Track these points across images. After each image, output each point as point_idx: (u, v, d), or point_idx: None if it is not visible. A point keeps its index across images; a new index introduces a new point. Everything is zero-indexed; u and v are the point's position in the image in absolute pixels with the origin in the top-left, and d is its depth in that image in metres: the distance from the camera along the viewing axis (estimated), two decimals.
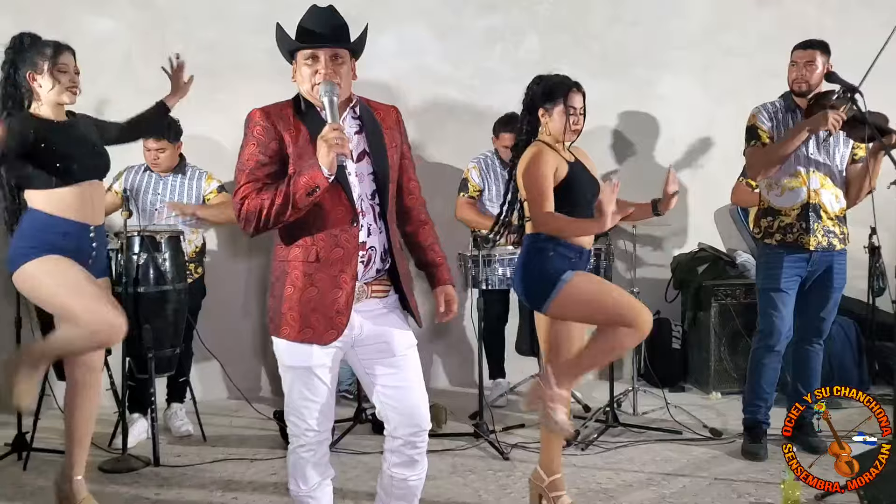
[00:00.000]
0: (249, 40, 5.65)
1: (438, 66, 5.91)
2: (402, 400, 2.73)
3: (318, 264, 2.61)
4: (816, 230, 4.20)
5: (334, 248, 2.61)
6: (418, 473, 2.81)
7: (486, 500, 3.81)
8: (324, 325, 2.62)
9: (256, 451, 4.49)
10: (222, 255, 5.68)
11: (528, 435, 4.72)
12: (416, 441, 2.76)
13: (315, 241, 2.62)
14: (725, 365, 5.63)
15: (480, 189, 5.43)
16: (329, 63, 2.61)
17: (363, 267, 2.66)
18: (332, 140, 2.46)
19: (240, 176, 2.63)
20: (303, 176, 2.49)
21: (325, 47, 2.62)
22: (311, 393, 2.69)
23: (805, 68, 4.22)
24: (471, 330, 4.94)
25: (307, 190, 2.48)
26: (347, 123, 2.70)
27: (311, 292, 2.62)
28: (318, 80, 2.60)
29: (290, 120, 2.63)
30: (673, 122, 6.20)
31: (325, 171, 2.48)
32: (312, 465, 2.75)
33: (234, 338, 5.63)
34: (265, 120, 2.62)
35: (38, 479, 4.06)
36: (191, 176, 4.92)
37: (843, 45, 4.62)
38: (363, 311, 2.69)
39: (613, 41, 6.15)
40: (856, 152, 4.31)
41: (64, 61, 3.44)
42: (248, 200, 2.57)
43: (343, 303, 2.62)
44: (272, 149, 2.61)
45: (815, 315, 4.33)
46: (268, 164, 2.60)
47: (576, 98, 3.52)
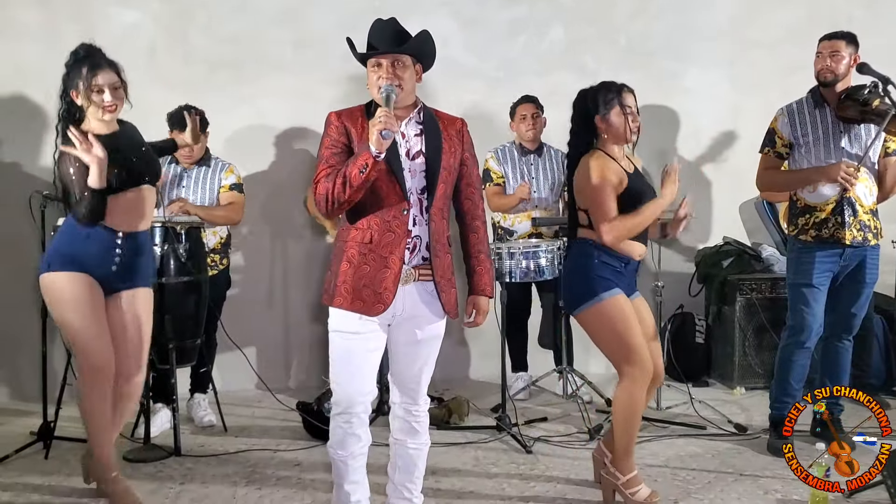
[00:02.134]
0: (273, 33, 5.66)
1: (462, 57, 5.89)
2: (409, 374, 3.10)
3: (371, 245, 2.92)
4: (852, 224, 4.14)
5: (386, 233, 2.92)
6: (417, 442, 3.16)
7: (509, 494, 3.79)
8: (372, 298, 2.92)
9: (279, 441, 4.50)
10: (248, 246, 5.69)
11: (551, 428, 4.71)
12: (412, 410, 3.14)
13: (370, 225, 2.93)
14: (750, 360, 5.58)
15: (502, 175, 5.40)
16: (390, 68, 2.92)
17: (409, 253, 2.96)
18: (377, 119, 2.73)
19: (318, 167, 2.97)
20: (356, 157, 2.81)
21: (385, 55, 2.92)
22: (351, 361, 2.98)
23: (830, 58, 4.16)
24: (493, 323, 4.91)
25: (359, 168, 2.78)
26: (411, 127, 3.01)
27: (363, 269, 2.92)
28: (380, 83, 2.90)
29: (359, 120, 2.96)
30: (698, 115, 6.15)
31: (372, 149, 2.75)
32: (349, 434, 3.02)
33: (259, 329, 5.65)
34: (337, 120, 2.97)
35: (62, 468, 4.09)
36: (214, 168, 4.92)
37: (874, 37, 4.55)
38: (409, 293, 2.98)
39: (638, 33, 6.11)
40: (888, 145, 4.24)
41: (98, 81, 3.41)
42: (319, 185, 2.89)
43: (391, 281, 2.92)
44: (342, 143, 2.94)
45: (846, 311, 4.28)
46: (338, 155, 2.93)
47: (628, 97, 3.59)
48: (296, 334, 5.80)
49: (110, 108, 3.44)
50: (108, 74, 3.44)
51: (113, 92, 3.44)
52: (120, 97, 3.47)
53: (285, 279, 5.77)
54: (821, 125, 4.20)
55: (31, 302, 4.45)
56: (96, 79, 3.41)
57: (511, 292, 5.03)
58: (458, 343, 5.96)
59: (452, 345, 5.96)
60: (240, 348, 5.09)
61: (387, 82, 2.88)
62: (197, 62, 5.56)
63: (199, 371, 4.87)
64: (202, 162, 4.89)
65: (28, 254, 4.71)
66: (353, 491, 3.11)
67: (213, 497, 3.77)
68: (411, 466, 3.20)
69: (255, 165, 5.62)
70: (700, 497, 3.73)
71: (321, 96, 5.46)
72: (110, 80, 3.44)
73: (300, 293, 5.75)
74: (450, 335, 5.99)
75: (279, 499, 3.74)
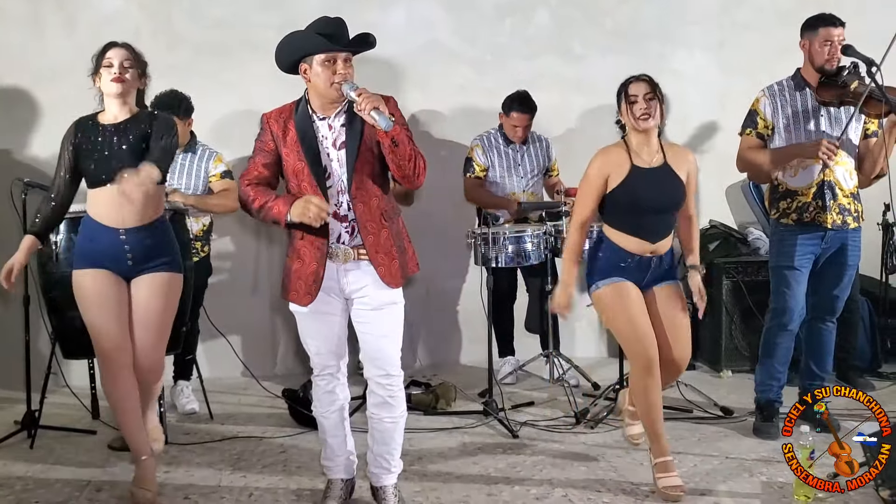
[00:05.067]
0: (258, 17, 5.62)
1: (449, 41, 5.85)
2: (372, 344, 3.23)
3: (303, 241, 3.19)
4: (832, 208, 4.14)
5: (314, 230, 3.12)
6: (392, 416, 3.28)
7: (495, 478, 3.80)
8: (303, 290, 3.20)
9: (265, 429, 4.50)
10: (230, 233, 5.66)
11: (538, 413, 4.71)
12: (385, 384, 3.25)
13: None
14: (736, 343, 5.59)
15: (486, 168, 5.38)
16: (344, 65, 3.06)
17: (348, 235, 3.17)
18: (312, 214, 3.00)
19: (249, 162, 3.25)
20: (273, 209, 3.08)
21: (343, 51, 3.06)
22: (308, 334, 3.31)
23: (837, 46, 4.14)
24: (479, 308, 4.92)
25: (272, 219, 3.11)
26: (338, 119, 3.15)
27: (297, 264, 3.21)
28: (336, 79, 3.05)
29: (285, 122, 3.19)
30: (686, 98, 6.12)
31: (289, 218, 3.05)
32: (323, 391, 3.35)
33: (243, 316, 5.63)
34: (267, 124, 3.22)
35: (48, 457, 4.07)
36: (200, 155, 4.87)
37: (861, 20, 4.54)
38: (350, 272, 3.18)
39: (626, 16, 6.08)
40: (868, 127, 4.24)
41: (110, 56, 3.49)
42: (243, 187, 3.19)
43: (317, 271, 3.17)
44: (270, 148, 3.20)
45: (829, 293, 4.28)
46: (265, 160, 3.21)
47: (634, 86, 3.63)
48: (281, 321, 5.78)
49: (117, 78, 3.47)
50: (120, 51, 3.52)
51: (121, 66, 3.49)
52: (131, 74, 3.51)
53: (270, 266, 5.74)
54: (801, 107, 4.20)
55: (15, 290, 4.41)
56: (108, 53, 3.50)
57: (496, 277, 5.02)
58: (448, 329, 5.95)
59: (442, 330, 5.96)
60: (224, 336, 5.07)
61: (345, 80, 3.03)
62: (182, 47, 5.52)
63: (185, 359, 4.86)
64: (188, 148, 4.85)
65: (11, 241, 4.66)
66: (334, 446, 3.43)
67: (198, 485, 3.76)
68: (388, 439, 3.34)
69: (240, 150, 5.57)
70: (686, 480, 3.72)
71: None
72: (121, 55, 3.51)
73: None
74: (441, 321, 6.03)
75: (265, 486, 3.73)
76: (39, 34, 5.37)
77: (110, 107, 3.54)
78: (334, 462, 3.46)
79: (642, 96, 3.58)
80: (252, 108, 5.63)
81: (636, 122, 3.59)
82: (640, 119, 3.58)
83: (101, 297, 3.47)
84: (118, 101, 3.51)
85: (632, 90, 3.61)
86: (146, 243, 3.50)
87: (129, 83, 3.52)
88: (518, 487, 3.69)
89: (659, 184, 3.61)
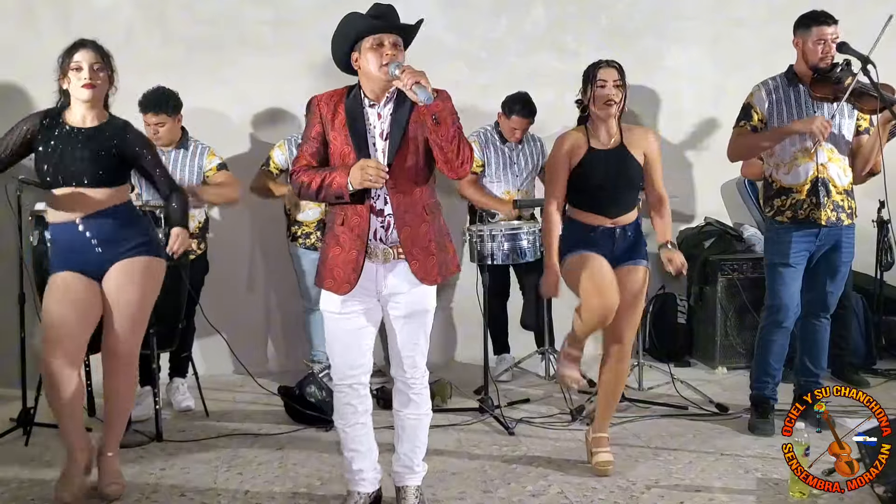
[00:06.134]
0: (252, 13, 5.60)
1: (445, 37, 5.84)
2: (396, 347, 3.21)
3: (343, 227, 3.11)
4: (826, 205, 4.15)
5: (353, 216, 3.09)
6: (415, 413, 3.27)
7: (490, 476, 3.80)
8: (342, 278, 3.10)
9: (261, 426, 4.49)
10: (226, 230, 5.65)
11: (534, 410, 4.72)
12: (409, 381, 3.23)
13: (344, 208, 3.10)
14: (731, 340, 5.60)
15: (482, 164, 5.37)
16: (392, 48, 3.05)
17: (384, 231, 3.10)
18: (368, 173, 2.95)
19: (299, 150, 3.19)
20: (334, 180, 3.01)
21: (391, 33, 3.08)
22: (337, 338, 3.19)
23: (832, 45, 4.14)
24: (475, 305, 4.91)
25: (334, 194, 3.03)
26: (388, 107, 3.11)
27: (336, 251, 3.12)
28: (385, 60, 3.02)
29: (336, 106, 3.11)
30: (680, 95, 6.14)
31: (351, 187, 2.99)
32: (344, 403, 3.24)
33: (239, 313, 5.62)
34: (316, 107, 3.13)
35: (43, 454, 4.07)
36: (193, 151, 4.85)
37: (854, 16, 4.54)
38: (389, 271, 3.12)
39: (621, 12, 6.08)
40: (860, 123, 4.26)
41: (77, 58, 3.41)
42: (297, 175, 3.12)
43: (358, 261, 3.08)
44: (319, 133, 3.13)
45: (823, 290, 4.29)
46: (317, 146, 3.13)
47: (604, 71, 3.71)
48: (276, 318, 5.77)
49: (88, 85, 3.40)
50: (88, 53, 3.42)
51: (91, 70, 3.41)
52: (101, 77, 3.44)
53: (266, 263, 5.73)
54: (794, 103, 4.20)
55: (10, 287, 4.40)
56: (75, 56, 3.41)
57: (490, 275, 5.01)
58: (444, 327, 5.94)
59: (439, 329, 5.94)
60: (220, 333, 5.05)
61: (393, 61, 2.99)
62: (175, 43, 5.50)
63: (180, 356, 4.85)
64: (180, 144, 4.83)
65: (6, 239, 4.65)
66: (353, 459, 3.31)
67: (194, 482, 3.75)
68: (412, 436, 3.30)
69: (234, 147, 5.56)
70: (681, 477, 3.75)
71: (301, 77, 5.42)
72: (90, 58, 3.42)
73: (281, 277, 5.71)
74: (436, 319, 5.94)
75: (260, 483, 3.73)
76: (33, 29, 5.34)
77: (78, 108, 3.47)
78: (354, 475, 3.34)
79: (611, 82, 3.67)
80: (246, 104, 5.65)
81: (599, 108, 3.68)
82: (605, 105, 3.67)
83: (62, 291, 3.42)
84: (86, 105, 3.46)
85: (601, 74, 3.70)
86: (108, 226, 3.45)
87: (99, 88, 3.45)
88: (514, 484, 3.70)
89: (614, 164, 3.72)
